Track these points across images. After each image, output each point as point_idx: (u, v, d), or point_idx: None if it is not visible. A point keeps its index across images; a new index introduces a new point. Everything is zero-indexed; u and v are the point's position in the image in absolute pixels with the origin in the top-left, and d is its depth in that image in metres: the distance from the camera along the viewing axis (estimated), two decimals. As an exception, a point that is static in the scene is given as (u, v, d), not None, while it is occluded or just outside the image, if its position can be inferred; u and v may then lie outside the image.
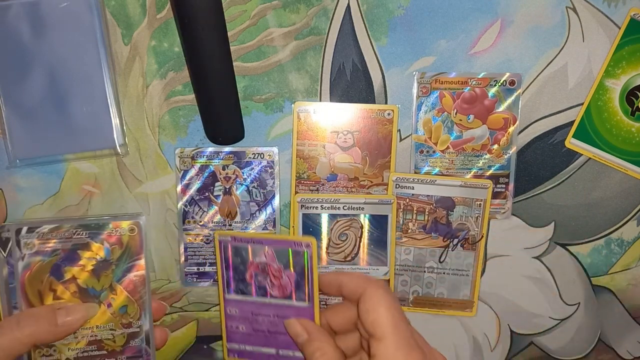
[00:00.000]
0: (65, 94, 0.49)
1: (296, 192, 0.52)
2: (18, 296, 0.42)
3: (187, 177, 0.52)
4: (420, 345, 0.38)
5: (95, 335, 0.44)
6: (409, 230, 0.53)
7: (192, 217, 0.53)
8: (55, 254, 0.43)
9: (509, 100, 0.52)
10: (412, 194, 0.53)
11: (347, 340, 0.44)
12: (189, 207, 0.53)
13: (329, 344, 0.41)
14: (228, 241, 0.46)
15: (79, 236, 0.43)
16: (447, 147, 0.53)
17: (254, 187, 0.52)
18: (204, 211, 0.53)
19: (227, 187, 0.52)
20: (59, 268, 0.43)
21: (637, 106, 0.52)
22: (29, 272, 0.43)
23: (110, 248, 0.43)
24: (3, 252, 0.42)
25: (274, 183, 0.52)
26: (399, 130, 0.52)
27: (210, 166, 0.52)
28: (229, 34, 0.49)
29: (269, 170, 0.52)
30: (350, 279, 0.42)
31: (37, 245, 0.43)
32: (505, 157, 0.53)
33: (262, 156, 0.52)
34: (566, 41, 0.51)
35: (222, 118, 0.50)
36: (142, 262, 0.44)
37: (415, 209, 0.53)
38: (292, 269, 0.45)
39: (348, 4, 0.50)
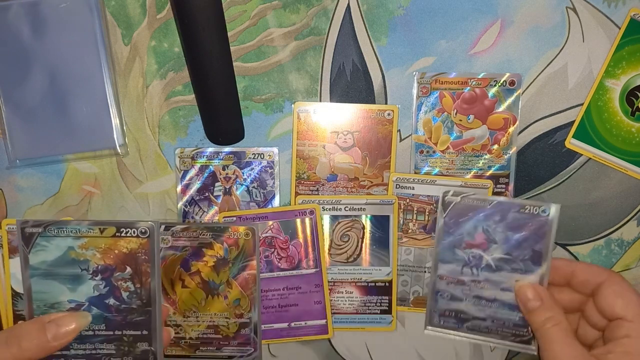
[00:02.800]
0: (65, 94, 0.49)
1: (297, 194, 0.52)
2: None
3: (187, 178, 0.52)
4: None
5: (213, 321, 0.51)
6: (410, 231, 0.53)
7: (192, 218, 0.53)
8: (184, 249, 0.50)
9: (509, 101, 0.52)
10: (413, 194, 0.53)
11: (561, 296, 0.45)
12: (189, 207, 0.53)
13: (560, 313, 0.42)
14: (233, 222, 0.50)
15: (204, 236, 0.50)
16: (447, 148, 0.52)
17: (254, 187, 0.52)
18: (204, 211, 0.53)
19: (227, 187, 0.52)
20: (187, 262, 0.50)
21: (637, 106, 0.52)
22: (165, 263, 0.50)
23: (228, 248, 0.50)
24: (26, 248, 0.44)
25: (274, 183, 0.52)
26: (399, 131, 0.52)
27: (210, 166, 0.52)
28: (229, 34, 0.49)
29: (269, 171, 0.52)
30: (586, 267, 0.44)
31: (171, 241, 0.49)
32: (505, 157, 0.53)
33: (262, 156, 0.52)
34: (566, 41, 0.51)
35: (222, 118, 0.50)
36: (254, 262, 0.50)
37: (415, 209, 0.53)
38: (299, 237, 0.50)
39: (348, 4, 0.50)
